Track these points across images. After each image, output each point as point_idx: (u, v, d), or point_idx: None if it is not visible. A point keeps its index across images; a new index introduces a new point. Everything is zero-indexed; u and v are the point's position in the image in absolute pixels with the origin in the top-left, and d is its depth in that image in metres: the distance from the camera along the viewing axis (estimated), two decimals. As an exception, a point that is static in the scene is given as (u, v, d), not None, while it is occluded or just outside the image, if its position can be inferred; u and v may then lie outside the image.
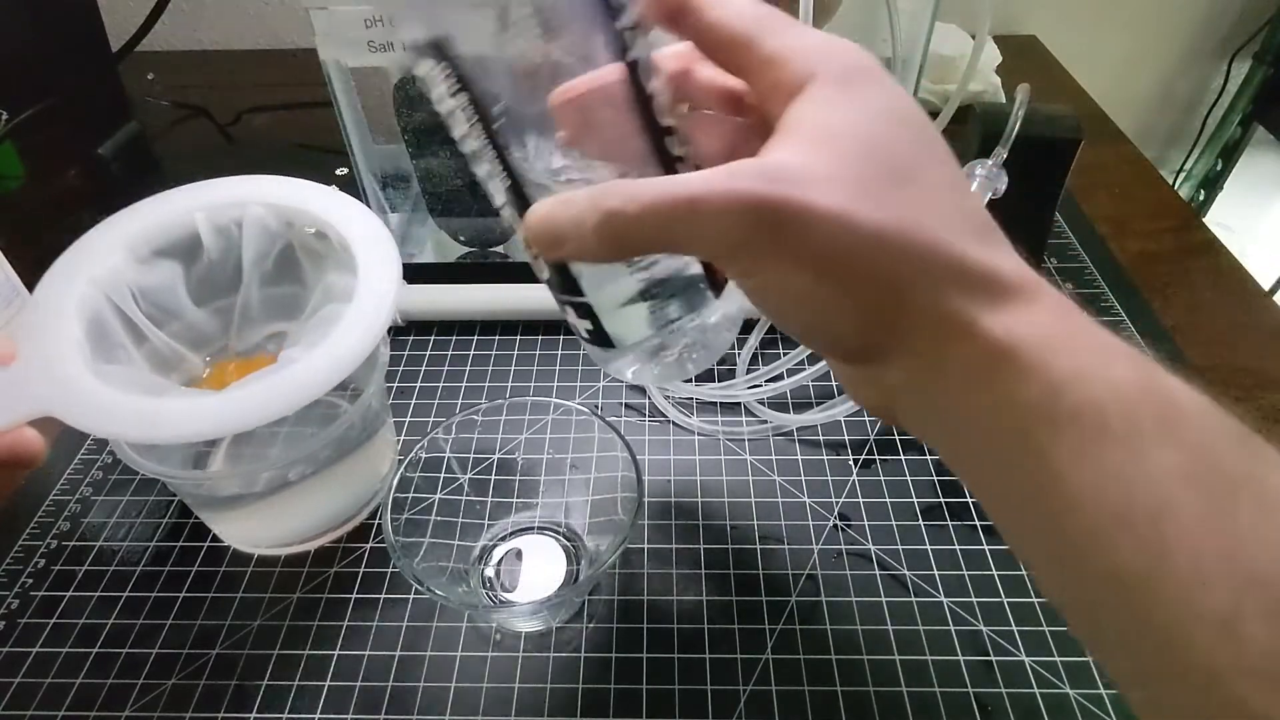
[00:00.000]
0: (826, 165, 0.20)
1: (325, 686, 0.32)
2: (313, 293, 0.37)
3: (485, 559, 0.36)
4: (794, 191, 0.19)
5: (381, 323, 0.31)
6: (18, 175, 0.63)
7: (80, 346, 0.30)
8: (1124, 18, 0.88)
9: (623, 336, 0.28)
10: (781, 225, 0.19)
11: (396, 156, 0.48)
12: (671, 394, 0.43)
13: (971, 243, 0.20)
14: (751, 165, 0.20)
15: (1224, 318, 0.49)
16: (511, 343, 0.47)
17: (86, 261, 0.32)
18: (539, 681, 0.32)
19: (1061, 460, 0.18)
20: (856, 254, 0.20)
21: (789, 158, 0.20)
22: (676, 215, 0.20)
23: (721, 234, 0.20)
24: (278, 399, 0.28)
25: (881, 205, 0.19)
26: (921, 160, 0.21)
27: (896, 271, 0.20)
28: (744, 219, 0.20)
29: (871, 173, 0.20)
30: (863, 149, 0.20)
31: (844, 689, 0.31)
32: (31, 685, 0.32)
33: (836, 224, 0.19)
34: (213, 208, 0.35)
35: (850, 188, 0.19)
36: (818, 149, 0.20)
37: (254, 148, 0.68)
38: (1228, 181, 1.00)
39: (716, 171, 0.20)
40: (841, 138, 0.20)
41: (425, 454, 0.34)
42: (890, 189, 0.20)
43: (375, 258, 0.33)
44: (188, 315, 0.36)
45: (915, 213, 0.20)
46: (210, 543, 0.37)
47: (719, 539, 0.37)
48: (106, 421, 0.27)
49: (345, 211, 0.35)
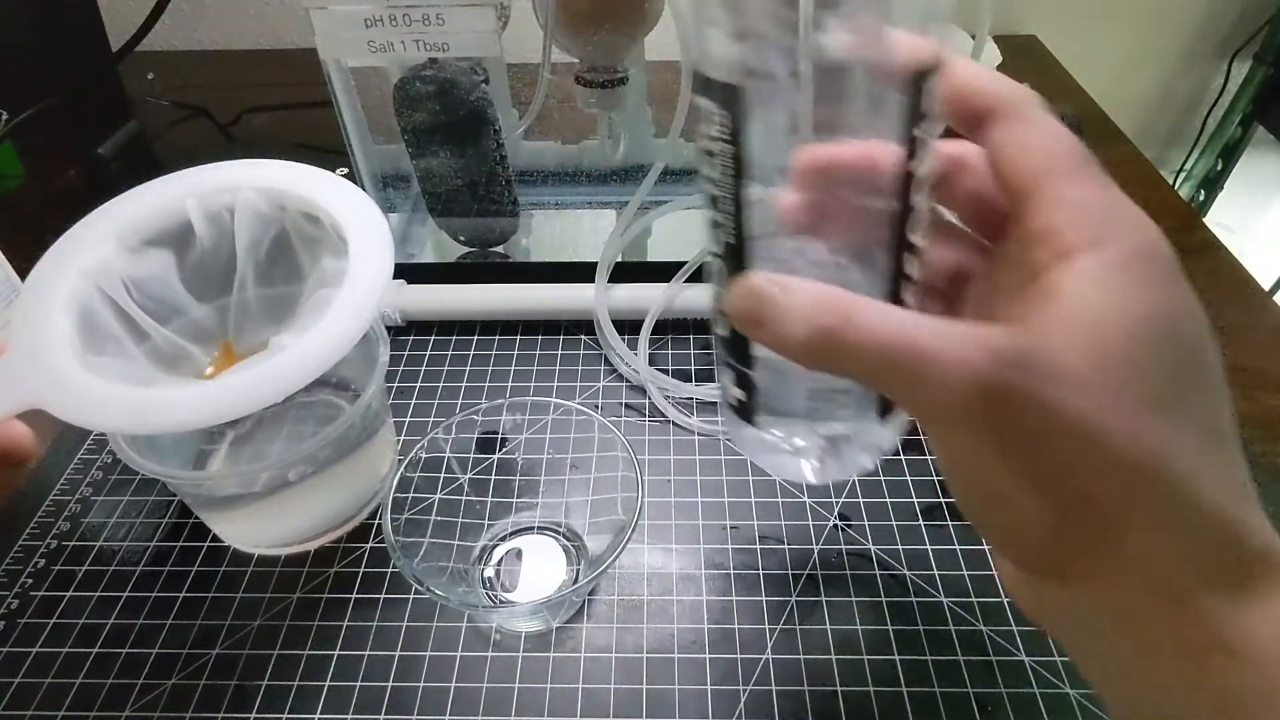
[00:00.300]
0: (1083, 363, 0.17)
1: (325, 686, 0.32)
2: (308, 280, 0.36)
3: (485, 559, 0.36)
4: (1036, 385, 0.17)
5: (373, 306, 0.30)
6: (18, 175, 0.63)
7: (70, 339, 0.29)
8: (1124, 18, 0.88)
9: (769, 422, 0.28)
10: (1009, 415, 0.18)
11: (396, 156, 0.48)
12: (671, 394, 0.43)
13: (1218, 502, 0.18)
14: (997, 338, 0.18)
15: (1224, 318, 0.49)
16: (511, 343, 0.47)
17: (76, 253, 0.32)
18: (539, 681, 0.32)
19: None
20: (1081, 473, 0.17)
21: (1043, 341, 0.18)
22: (896, 362, 0.18)
23: (936, 399, 0.18)
24: (268, 386, 0.28)
25: (1130, 429, 0.17)
26: (1190, 385, 0.18)
27: (1121, 508, 0.17)
28: (969, 395, 0.17)
29: (1131, 388, 0.17)
30: (1129, 356, 0.17)
31: (844, 689, 0.31)
32: (31, 685, 0.32)
33: (1072, 437, 0.17)
34: (203, 194, 0.35)
35: (1102, 399, 0.17)
36: (1078, 339, 0.17)
37: (254, 148, 0.67)
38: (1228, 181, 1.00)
39: (956, 331, 0.18)
40: (1109, 334, 0.17)
41: (425, 454, 0.34)
42: (1146, 413, 0.17)
43: (366, 240, 0.32)
44: (184, 307, 0.35)
45: (1166, 449, 0.17)
46: (210, 543, 0.37)
47: (719, 539, 0.37)
48: (94, 412, 0.27)
49: (336, 193, 0.34)
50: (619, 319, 0.45)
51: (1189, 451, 0.17)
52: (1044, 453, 0.18)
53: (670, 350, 0.46)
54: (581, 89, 0.47)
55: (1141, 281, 0.18)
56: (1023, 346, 0.18)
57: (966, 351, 0.18)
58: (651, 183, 0.43)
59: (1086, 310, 0.18)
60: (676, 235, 0.51)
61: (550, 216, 0.55)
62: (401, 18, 0.39)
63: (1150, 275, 0.18)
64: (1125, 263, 0.18)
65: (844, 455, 0.28)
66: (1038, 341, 0.18)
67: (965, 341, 0.18)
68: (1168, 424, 0.17)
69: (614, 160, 0.53)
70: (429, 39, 0.40)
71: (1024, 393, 0.17)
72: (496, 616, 0.34)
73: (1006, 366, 0.17)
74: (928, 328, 0.18)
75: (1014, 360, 0.17)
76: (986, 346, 0.18)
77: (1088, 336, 0.17)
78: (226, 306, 0.37)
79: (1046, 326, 0.18)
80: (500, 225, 0.50)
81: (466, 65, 0.44)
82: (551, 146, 0.55)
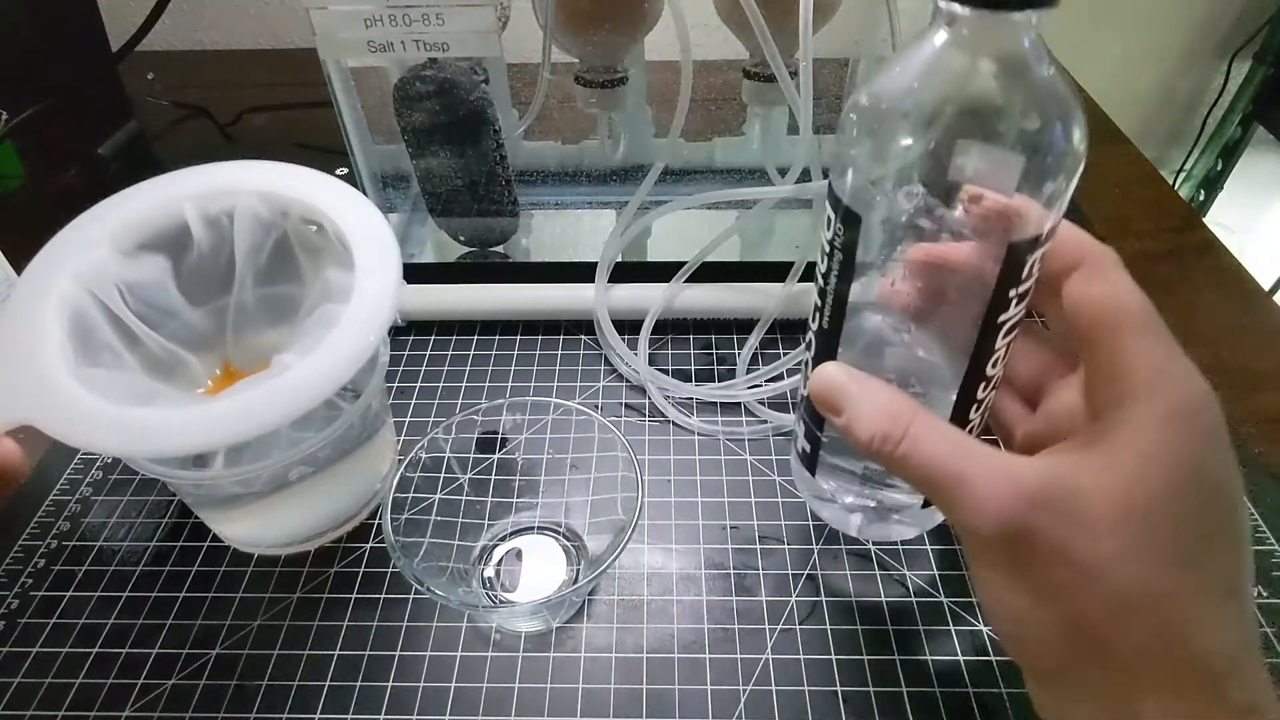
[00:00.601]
0: (1108, 512, 0.19)
1: (325, 686, 0.32)
2: (310, 289, 0.35)
3: (485, 559, 0.36)
4: (1055, 527, 0.19)
5: (380, 325, 0.29)
6: (18, 175, 0.63)
7: (63, 349, 0.28)
8: (1124, 18, 0.88)
9: (828, 476, 0.32)
10: (1027, 549, 0.20)
11: (396, 156, 0.48)
12: (671, 394, 0.43)
13: (1210, 653, 0.19)
14: (1030, 478, 0.20)
15: (1224, 318, 0.49)
16: (511, 343, 0.47)
17: (68, 256, 0.30)
18: (539, 681, 0.32)
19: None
20: (1085, 600, 0.20)
21: (1075, 483, 0.20)
22: (938, 482, 0.21)
23: (967, 521, 0.21)
24: (272, 409, 0.27)
25: (1139, 578, 0.19)
26: (1207, 544, 0.20)
27: (1117, 636, 0.19)
28: (995, 527, 0.20)
29: (1148, 543, 0.19)
30: (1152, 513, 0.19)
31: (844, 689, 0.31)
32: (31, 685, 0.32)
33: (1081, 573, 0.19)
34: (201, 196, 0.33)
35: (1117, 548, 0.19)
36: (1110, 489, 0.20)
37: (254, 148, 0.67)
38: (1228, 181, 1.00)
39: (996, 465, 0.21)
40: (1138, 491, 0.19)
41: (425, 454, 0.34)
42: (1156, 565, 0.19)
43: (373, 254, 0.31)
44: (181, 314, 0.34)
45: (1167, 600, 0.19)
46: (210, 543, 0.37)
47: (719, 539, 0.37)
48: (90, 433, 0.26)
49: (342, 202, 0.33)
50: (619, 319, 0.45)
51: (1190, 604, 0.19)
52: (1053, 577, 0.20)
53: (670, 350, 0.46)
54: (581, 89, 0.47)
55: (1180, 440, 0.20)
56: (1051, 489, 0.20)
57: (1000, 487, 0.20)
58: (651, 183, 0.43)
59: (1124, 464, 0.20)
60: (676, 235, 0.51)
61: (550, 216, 0.55)
62: (401, 18, 0.39)
63: (1190, 434, 0.20)
64: (1169, 418, 0.20)
65: (888, 522, 0.32)
66: (1070, 483, 0.20)
67: (1001, 477, 0.20)
68: (1175, 578, 0.19)
69: (614, 160, 0.53)
70: (429, 39, 0.40)
71: (1043, 533, 0.19)
72: (496, 616, 0.34)
73: (1032, 507, 0.20)
74: (972, 457, 0.21)
75: (1041, 502, 0.20)
76: (1019, 485, 0.20)
77: (1120, 489, 0.19)
78: (224, 313, 0.36)
79: (1085, 469, 0.20)
80: (500, 225, 0.50)
81: (466, 65, 0.44)
82: (551, 146, 0.55)
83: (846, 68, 0.51)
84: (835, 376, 0.25)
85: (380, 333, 0.30)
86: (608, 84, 0.46)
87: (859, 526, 0.34)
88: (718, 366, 0.45)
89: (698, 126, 0.54)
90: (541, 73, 0.44)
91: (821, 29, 0.41)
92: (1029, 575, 0.20)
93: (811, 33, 0.35)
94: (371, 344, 0.29)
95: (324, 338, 0.29)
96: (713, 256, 0.45)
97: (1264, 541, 0.36)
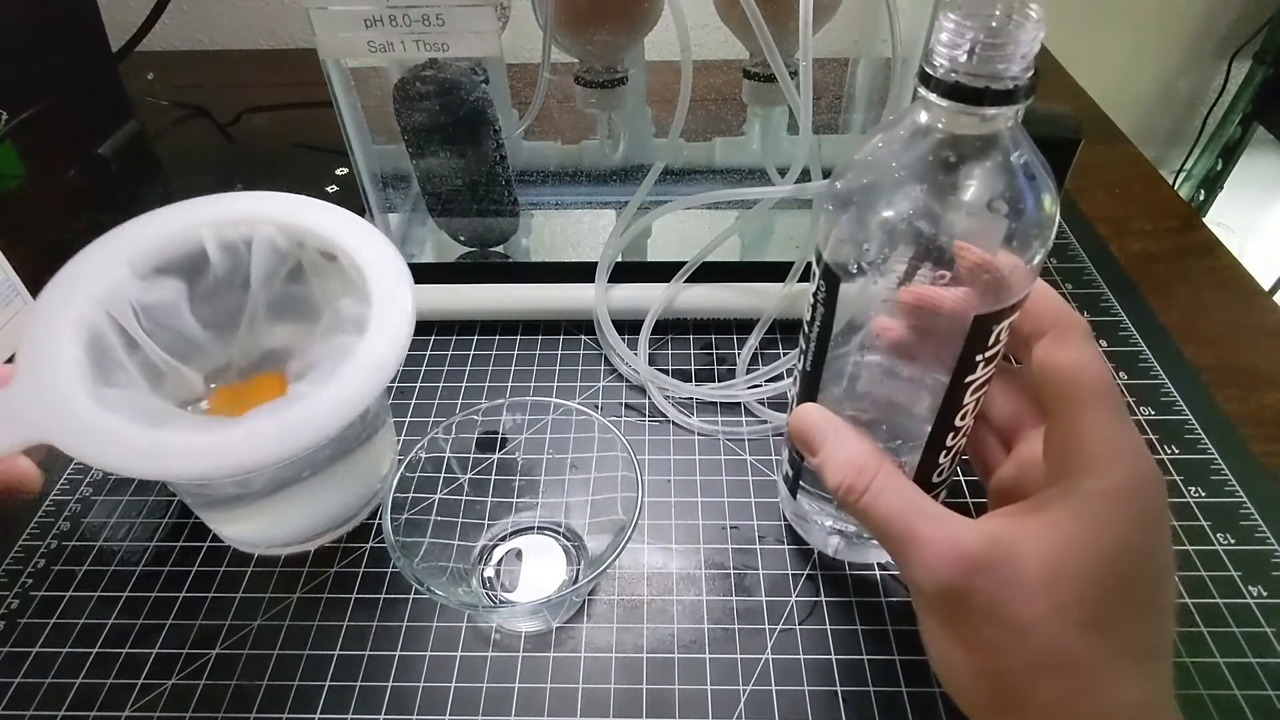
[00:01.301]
0: (1039, 577, 0.21)
1: (325, 686, 0.32)
2: (322, 314, 0.36)
3: (485, 559, 0.36)
4: (991, 588, 0.22)
5: (396, 358, 0.30)
6: (18, 175, 0.63)
7: (79, 367, 0.29)
8: (1124, 18, 0.88)
9: (808, 499, 0.34)
10: (963, 606, 0.22)
11: (396, 156, 0.48)
12: (671, 394, 0.43)
13: (1119, 709, 0.21)
14: (973, 542, 0.22)
15: (1224, 318, 0.49)
16: (511, 343, 0.47)
17: (86, 277, 0.31)
18: (539, 681, 0.32)
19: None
20: (1008, 655, 0.22)
21: (1014, 548, 0.22)
22: (892, 536, 0.24)
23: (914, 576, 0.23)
24: (288, 438, 0.27)
25: (1058, 636, 0.21)
26: (1128, 613, 0.22)
27: (1031, 689, 0.21)
28: (937, 584, 0.22)
29: (1071, 606, 0.21)
30: (1087, 575, 0.21)
31: (844, 689, 0.31)
32: (31, 685, 0.32)
33: (1007, 629, 0.21)
34: (220, 224, 0.34)
35: (1043, 609, 0.21)
36: (1044, 556, 0.22)
37: (254, 148, 0.68)
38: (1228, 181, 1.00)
39: (944, 528, 0.23)
40: (1069, 560, 0.21)
41: (425, 454, 0.34)
42: (1075, 627, 0.21)
43: (390, 289, 0.32)
44: (193, 337, 0.35)
45: (1081, 658, 0.21)
46: (210, 543, 0.37)
47: (719, 539, 0.37)
48: (108, 454, 0.26)
49: (358, 235, 0.34)
50: (619, 319, 0.45)
51: (1104, 665, 0.21)
52: (983, 634, 0.22)
53: (670, 350, 0.46)
54: (581, 89, 0.47)
55: (1118, 517, 0.22)
56: (991, 554, 0.22)
57: (946, 549, 0.22)
58: (651, 183, 0.43)
59: (1060, 534, 0.22)
60: (676, 235, 0.51)
61: (550, 216, 0.55)
62: (401, 18, 0.39)
63: (1128, 513, 0.22)
64: (1111, 495, 0.22)
65: (861, 548, 0.35)
66: (1008, 548, 0.22)
67: (948, 540, 0.23)
68: (1092, 641, 0.21)
69: (614, 160, 0.53)
70: (429, 39, 0.40)
71: (979, 594, 0.22)
72: (496, 616, 0.34)
73: (972, 570, 0.22)
74: (925, 518, 0.23)
75: (981, 566, 0.22)
76: (963, 550, 0.22)
77: (1052, 557, 0.22)
78: (234, 337, 0.37)
79: (1026, 535, 0.22)
80: (500, 225, 0.50)
81: (466, 65, 0.44)
82: (551, 146, 0.55)
83: (846, 68, 0.51)
84: (814, 420, 0.27)
85: (397, 364, 0.30)
86: (608, 84, 0.46)
87: (836, 548, 0.35)
88: (718, 366, 0.45)
89: (698, 126, 0.54)
90: (541, 73, 0.44)
91: (821, 29, 0.41)
92: (963, 630, 0.23)
93: (811, 33, 0.35)
94: (388, 376, 0.30)
95: (340, 368, 0.29)
96: (713, 256, 0.45)
97: (1264, 541, 0.36)
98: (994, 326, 0.24)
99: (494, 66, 0.49)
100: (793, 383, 0.31)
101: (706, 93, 0.50)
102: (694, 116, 0.41)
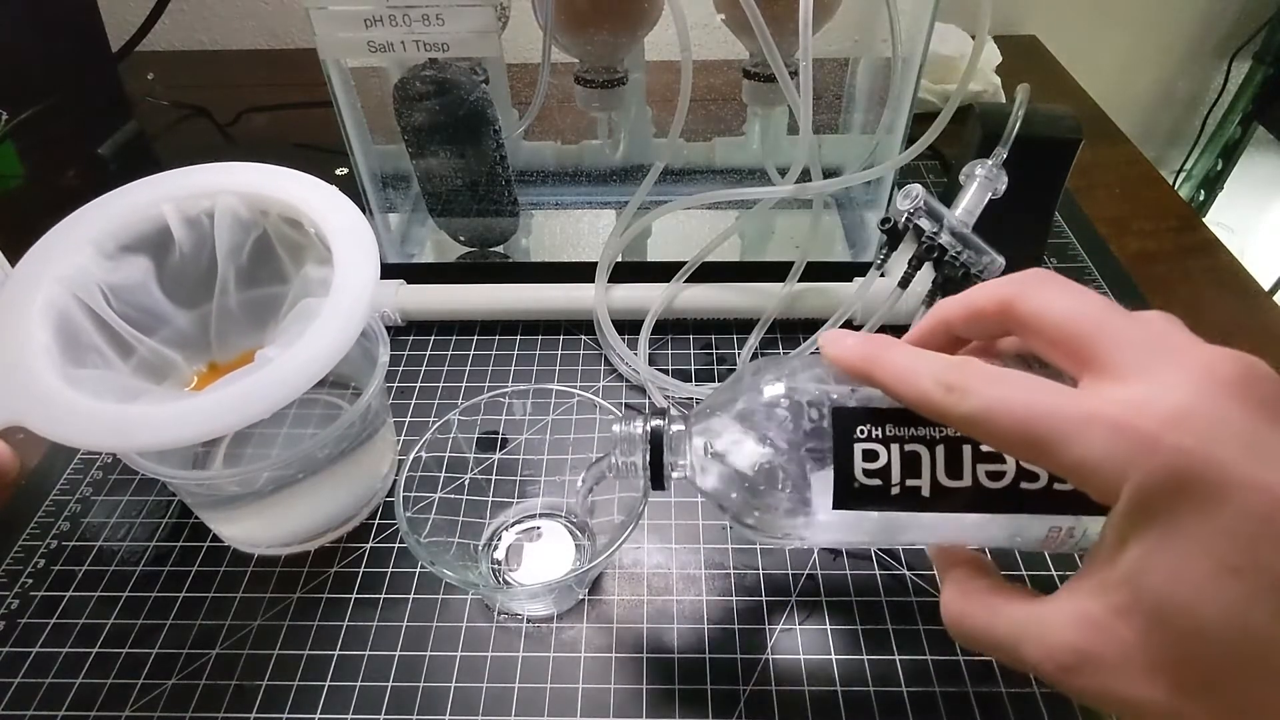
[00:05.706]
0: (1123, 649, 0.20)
1: (325, 686, 0.32)
2: (292, 286, 0.36)
3: (494, 544, 0.36)
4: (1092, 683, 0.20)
5: (360, 316, 0.30)
6: (18, 175, 0.63)
7: (49, 351, 0.29)
8: (1124, 18, 0.88)
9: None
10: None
11: (396, 156, 0.48)
12: (671, 394, 0.43)
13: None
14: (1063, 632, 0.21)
15: (1224, 318, 0.49)
16: (511, 343, 0.47)
17: (51, 260, 0.31)
18: (539, 681, 0.32)
19: None
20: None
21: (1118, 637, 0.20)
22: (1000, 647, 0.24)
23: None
24: (255, 400, 0.27)
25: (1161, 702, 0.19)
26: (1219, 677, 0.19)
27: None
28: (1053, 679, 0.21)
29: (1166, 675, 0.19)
30: (1160, 634, 0.19)
31: (844, 689, 0.31)
32: (31, 685, 0.32)
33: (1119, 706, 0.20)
34: (181, 198, 0.34)
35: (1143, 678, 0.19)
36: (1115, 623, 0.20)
37: (254, 148, 0.68)
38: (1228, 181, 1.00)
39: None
40: (1143, 614, 0.19)
41: (426, 454, 0.34)
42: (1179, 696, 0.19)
43: (351, 248, 0.32)
44: (165, 314, 0.35)
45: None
46: (210, 543, 0.37)
47: (719, 539, 0.37)
48: (79, 430, 0.26)
49: (321, 199, 0.33)
50: (619, 319, 0.45)
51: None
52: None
53: (670, 350, 0.46)
54: (581, 89, 0.47)
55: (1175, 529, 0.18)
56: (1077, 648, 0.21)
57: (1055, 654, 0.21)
58: (651, 183, 0.43)
59: (1125, 594, 0.20)
60: (676, 235, 0.51)
61: (550, 216, 0.55)
62: (401, 18, 0.39)
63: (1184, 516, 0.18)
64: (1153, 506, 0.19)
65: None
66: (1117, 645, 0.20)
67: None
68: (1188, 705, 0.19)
69: (614, 160, 0.53)
70: (429, 39, 0.40)
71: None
72: (502, 596, 0.34)
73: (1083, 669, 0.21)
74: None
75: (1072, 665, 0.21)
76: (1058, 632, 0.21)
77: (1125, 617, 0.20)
78: (208, 313, 0.36)
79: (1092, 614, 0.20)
80: (500, 225, 0.50)
81: (466, 65, 0.44)
82: (551, 146, 0.55)
83: (846, 68, 0.51)
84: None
85: (360, 323, 0.30)
86: (608, 84, 0.46)
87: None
88: (718, 366, 0.45)
89: (698, 126, 0.54)
90: (541, 73, 0.44)
91: (821, 29, 0.41)
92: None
93: (811, 33, 0.35)
94: (352, 335, 0.29)
95: (305, 330, 0.29)
96: (713, 256, 0.45)
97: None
98: None
99: (494, 66, 0.49)
100: None
101: (706, 93, 0.50)
102: (694, 117, 0.41)
